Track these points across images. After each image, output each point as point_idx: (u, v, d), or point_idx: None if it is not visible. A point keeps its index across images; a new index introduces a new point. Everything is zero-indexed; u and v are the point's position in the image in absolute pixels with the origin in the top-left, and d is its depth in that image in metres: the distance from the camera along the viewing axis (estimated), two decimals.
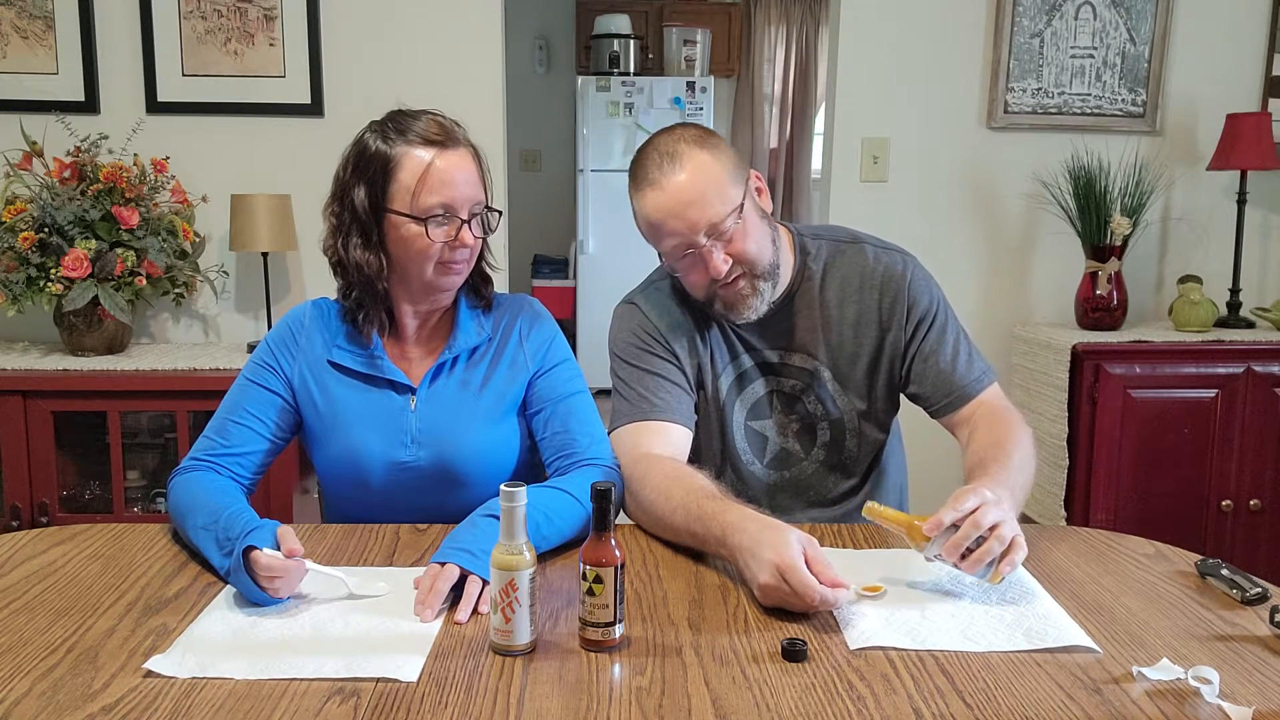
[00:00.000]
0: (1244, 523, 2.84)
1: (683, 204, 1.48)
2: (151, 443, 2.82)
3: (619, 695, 1.01)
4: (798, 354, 1.64)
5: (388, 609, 1.20)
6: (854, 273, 1.64)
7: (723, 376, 1.65)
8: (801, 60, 6.33)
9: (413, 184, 1.42)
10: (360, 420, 1.51)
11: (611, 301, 1.81)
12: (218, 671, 1.04)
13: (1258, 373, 2.79)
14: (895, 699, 1.01)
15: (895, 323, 1.62)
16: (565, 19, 6.13)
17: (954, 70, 3.02)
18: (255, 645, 1.10)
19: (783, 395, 1.66)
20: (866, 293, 1.63)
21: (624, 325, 1.68)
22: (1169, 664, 1.06)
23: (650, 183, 1.50)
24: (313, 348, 1.54)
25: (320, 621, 1.16)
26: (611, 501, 1.11)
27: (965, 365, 1.61)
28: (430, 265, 1.45)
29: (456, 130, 1.48)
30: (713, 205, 1.48)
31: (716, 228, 1.49)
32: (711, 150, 1.51)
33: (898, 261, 1.64)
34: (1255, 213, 3.09)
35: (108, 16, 2.78)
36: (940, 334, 1.62)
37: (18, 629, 1.14)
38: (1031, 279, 3.12)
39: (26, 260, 2.55)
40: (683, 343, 1.64)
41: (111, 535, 1.44)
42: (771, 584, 1.18)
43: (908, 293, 1.62)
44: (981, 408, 1.59)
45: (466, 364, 1.55)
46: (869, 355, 1.63)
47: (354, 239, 1.46)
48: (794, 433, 1.67)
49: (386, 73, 2.86)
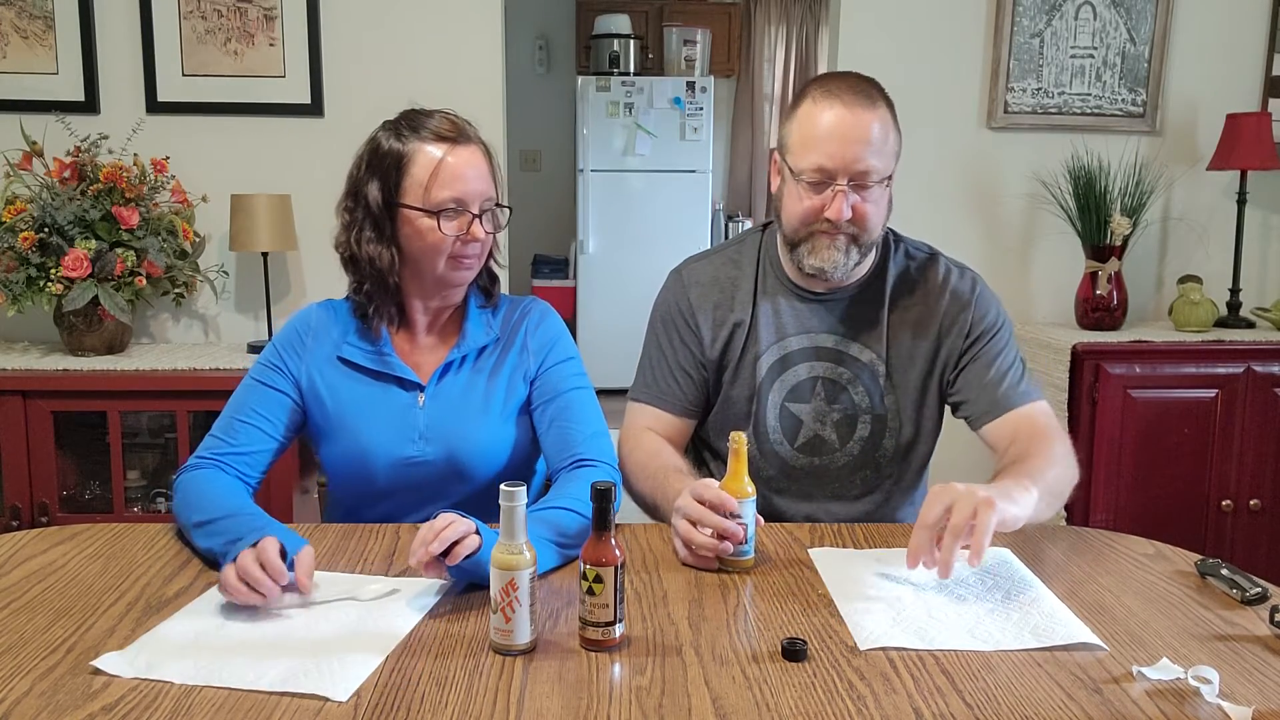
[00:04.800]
0: (1244, 523, 2.84)
1: (855, 137, 1.49)
2: (151, 443, 2.82)
3: (619, 695, 1.01)
4: (856, 344, 1.64)
5: (356, 619, 1.17)
6: (924, 279, 1.66)
7: (765, 355, 1.65)
8: (801, 60, 6.33)
9: (425, 178, 1.45)
10: (368, 416, 1.52)
11: (612, 301, 1.83)
12: (161, 674, 1.03)
13: (1258, 373, 2.79)
14: (895, 699, 1.01)
15: (956, 331, 1.63)
16: (565, 19, 6.13)
17: (954, 70, 3.02)
18: (210, 649, 1.09)
19: (829, 383, 1.65)
20: (933, 299, 1.64)
21: (664, 295, 1.74)
22: (1169, 664, 1.06)
23: (838, 98, 1.50)
24: (320, 347, 1.55)
25: (287, 627, 1.15)
26: (611, 501, 1.11)
27: (1013, 380, 1.60)
28: (442, 259, 1.48)
29: (468, 128, 1.50)
30: (876, 158, 1.50)
31: (864, 177, 1.51)
32: (894, 117, 1.55)
33: (968, 277, 1.68)
34: (1255, 213, 3.09)
35: (108, 16, 2.78)
36: (997, 349, 1.62)
37: (18, 629, 1.14)
38: (1031, 279, 3.12)
39: (26, 260, 2.55)
40: (716, 317, 1.66)
41: (111, 535, 1.44)
42: (680, 528, 1.32)
43: (974, 306, 1.64)
44: (1025, 421, 1.56)
45: (474, 363, 1.56)
46: (925, 360, 1.64)
47: (366, 233, 1.49)
48: (833, 422, 1.66)
49: (386, 73, 2.86)
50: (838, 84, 1.53)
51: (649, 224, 5.47)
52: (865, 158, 1.49)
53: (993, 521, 1.19)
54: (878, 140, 1.50)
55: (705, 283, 1.69)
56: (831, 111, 1.50)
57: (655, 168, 5.44)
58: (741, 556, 1.32)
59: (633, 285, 5.42)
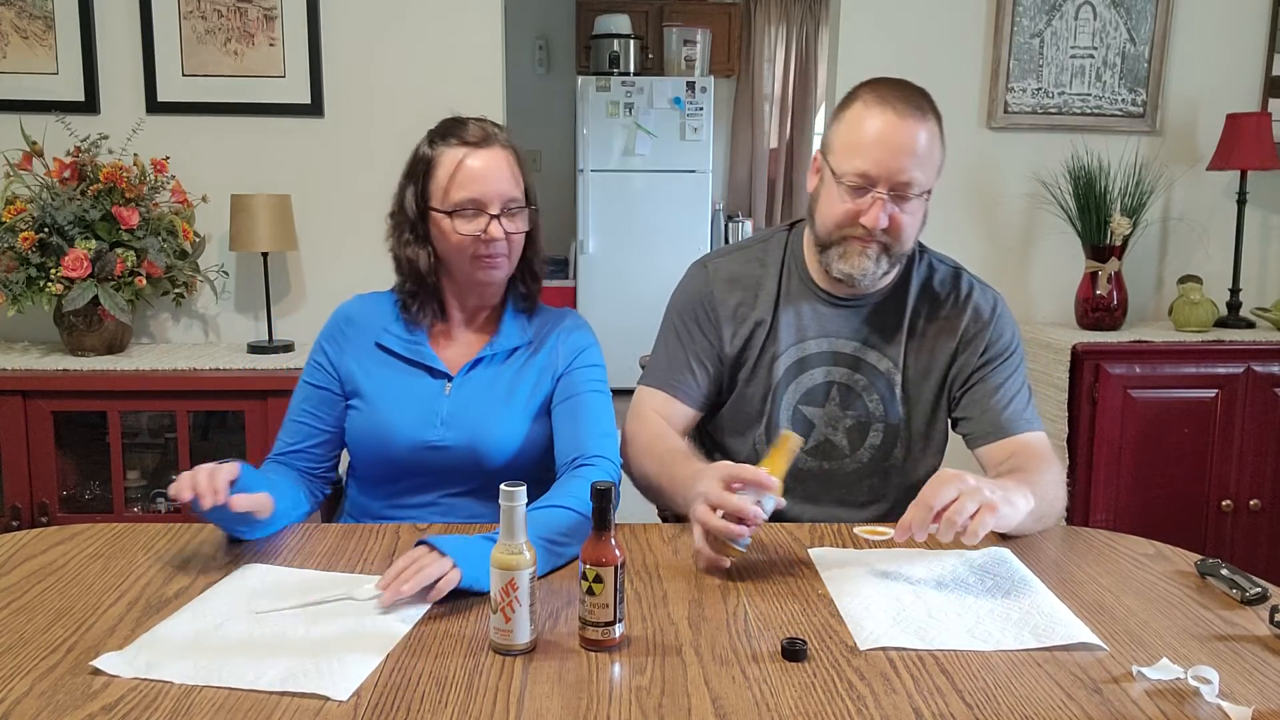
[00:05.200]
0: (1244, 523, 2.84)
1: (902, 147, 1.48)
2: (152, 443, 2.82)
3: (619, 695, 1.01)
4: (875, 351, 1.64)
5: (355, 619, 1.17)
6: (948, 292, 1.66)
7: (783, 356, 1.65)
8: (801, 60, 6.33)
9: (446, 181, 1.52)
10: (394, 398, 1.57)
11: (612, 301, 1.84)
12: (161, 674, 1.03)
13: (1258, 373, 2.79)
14: (895, 698, 1.01)
15: (972, 348, 1.63)
16: (565, 19, 6.13)
17: (954, 70, 3.02)
18: (209, 648, 1.09)
19: (844, 388, 1.65)
20: (954, 314, 1.64)
21: (687, 286, 1.73)
22: (1169, 664, 1.06)
23: (890, 105, 1.49)
24: (360, 335, 1.63)
25: (285, 626, 1.14)
26: (611, 501, 1.11)
27: (1018, 406, 1.61)
28: (466, 259, 1.54)
29: (498, 133, 1.56)
30: (920, 170, 1.50)
31: (906, 189, 1.50)
32: (942, 131, 1.54)
33: (990, 296, 1.67)
34: (1255, 213, 3.08)
35: (108, 16, 2.78)
36: (1006, 374, 1.63)
37: (18, 629, 1.14)
38: (1031, 279, 3.12)
39: (26, 260, 2.55)
40: (739, 314, 1.66)
41: (111, 535, 1.44)
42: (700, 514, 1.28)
43: (992, 326, 1.64)
44: (1022, 446, 1.56)
45: (504, 361, 1.61)
46: (940, 373, 1.65)
47: (405, 236, 1.58)
48: (845, 428, 1.66)
49: (386, 73, 2.85)
50: (890, 91, 1.51)
51: (649, 224, 5.47)
52: (909, 169, 1.49)
53: (989, 525, 1.23)
54: (923, 153, 1.49)
55: (730, 278, 1.68)
56: (881, 118, 1.49)
57: (655, 168, 5.44)
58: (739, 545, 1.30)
59: (633, 285, 5.43)
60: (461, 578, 1.19)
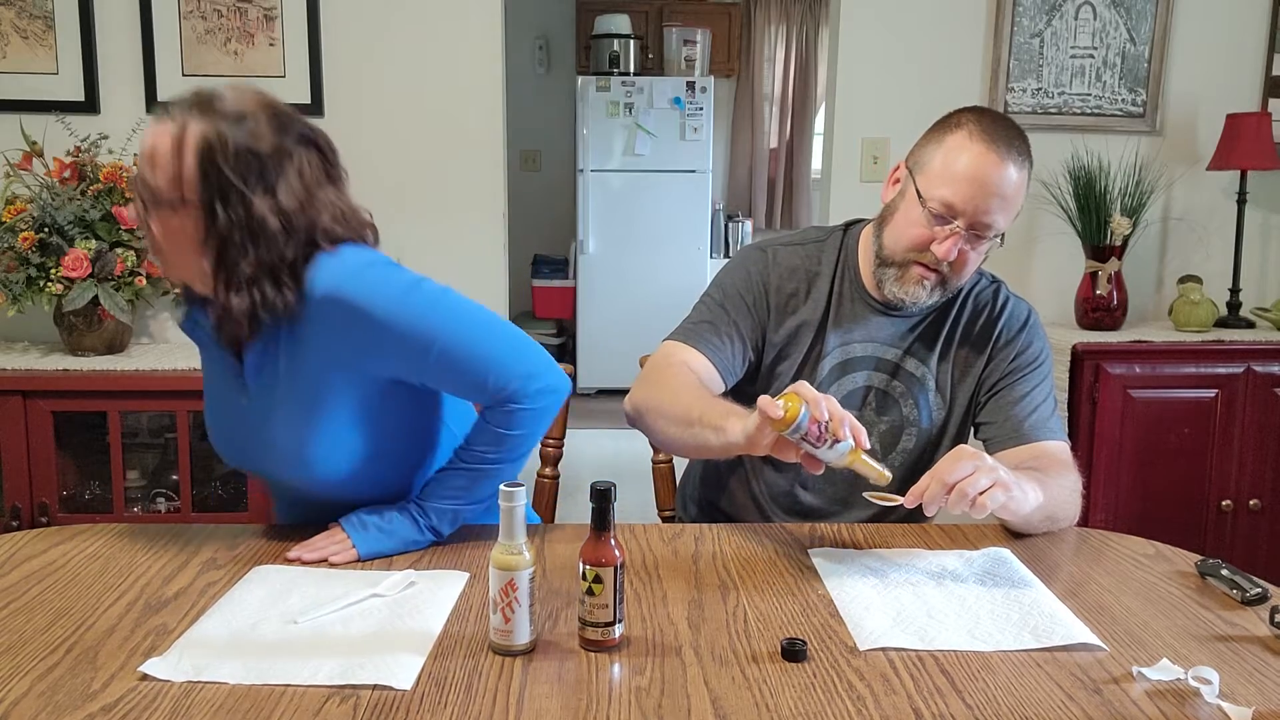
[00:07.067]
0: (1244, 523, 2.84)
1: (994, 189, 1.47)
2: (152, 443, 2.82)
3: (619, 695, 1.01)
4: (914, 359, 1.65)
5: (390, 613, 1.19)
6: (984, 303, 1.67)
7: (829, 356, 1.64)
8: (801, 60, 6.33)
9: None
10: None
11: (611, 301, 1.82)
12: (213, 675, 1.04)
13: (1258, 373, 2.79)
14: (895, 699, 1.01)
15: (1001, 356, 1.64)
16: (565, 19, 6.13)
17: (954, 70, 3.02)
18: (253, 648, 1.10)
19: (881, 394, 1.65)
20: (988, 325, 1.65)
21: (744, 264, 1.69)
22: (1169, 664, 1.06)
23: (993, 144, 1.48)
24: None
25: (321, 624, 1.16)
26: (611, 501, 1.11)
27: (1041, 416, 1.60)
28: None
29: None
30: (1001, 213, 1.50)
31: (984, 229, 1.50)
32: (1029, 181, 1.53)
33: (1024, 308, 1.68)
34: (1255, 213, 3.09)
35: (108, 16, 2.78)
36: (1033, 384, 1.62)
37: (18, 629, 1.14)
38: (1031, 279, 3.12)
39: (26, 260, 2.55)
40: (790, 305, 1.65)
41: (111, 535, 1.44)
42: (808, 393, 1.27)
43: (1023, 336, 1.64)
44: (1041, 454, 1.55)
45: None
46: (973, 381, 1.65)
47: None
48: (879, 433, 1.66)
49: (386, 73, 2.85)
50: (996, 128, 1.50)
51: (649, 224, 5.47)
52: (994, 211, 1.48)
53: (999, 500, 1.25)
54: (1011, 197, 1.49)
55: (790, 269, 1.67)
56: (984, 157, 1.47)
57: (655, 168, 5.44)
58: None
59: (633, 285, 5.43)
60: (359, 554, 1.35)
